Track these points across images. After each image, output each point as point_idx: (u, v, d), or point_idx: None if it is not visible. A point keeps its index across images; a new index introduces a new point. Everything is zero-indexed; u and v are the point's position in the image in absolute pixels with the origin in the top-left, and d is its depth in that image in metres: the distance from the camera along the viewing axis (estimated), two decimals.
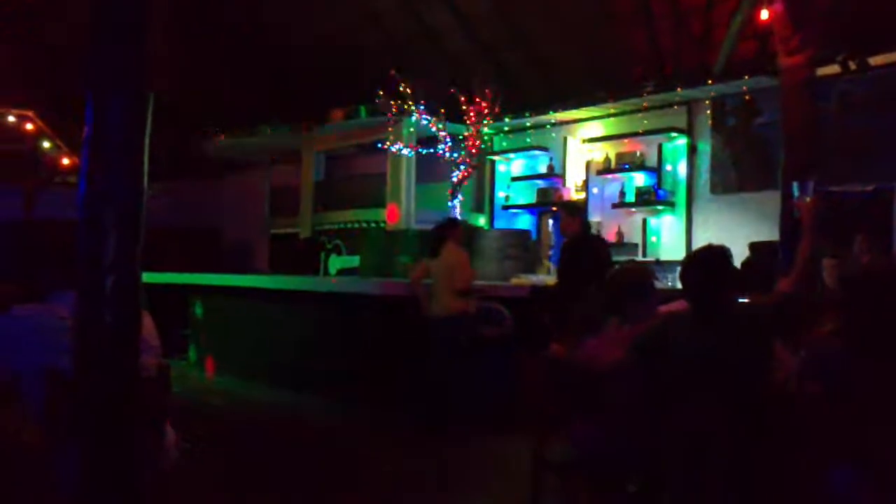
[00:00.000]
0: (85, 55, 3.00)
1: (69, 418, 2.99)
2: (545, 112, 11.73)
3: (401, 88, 10.97)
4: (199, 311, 10.70)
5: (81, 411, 2.89)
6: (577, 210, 7.98)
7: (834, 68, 8.70)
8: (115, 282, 2.83)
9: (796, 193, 4.48)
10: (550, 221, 12.15)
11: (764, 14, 6.47)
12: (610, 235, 10.97)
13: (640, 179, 10.92)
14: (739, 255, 6.72)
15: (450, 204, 10.97)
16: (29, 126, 13.87)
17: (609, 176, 11.19)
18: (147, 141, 2.96)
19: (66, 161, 14.25)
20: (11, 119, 13.67)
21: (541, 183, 12.16)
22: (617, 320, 4.19)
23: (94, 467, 2.90)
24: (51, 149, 14.18)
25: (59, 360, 3.07)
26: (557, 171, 11.90)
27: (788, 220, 5.91)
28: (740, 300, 4.14)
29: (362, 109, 12.25)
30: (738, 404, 3.38)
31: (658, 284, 8.90)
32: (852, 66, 8.65)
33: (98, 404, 2.85)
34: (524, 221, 12.49)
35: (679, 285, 3.84)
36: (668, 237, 10.63)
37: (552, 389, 4.30)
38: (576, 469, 4.03)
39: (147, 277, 3.11)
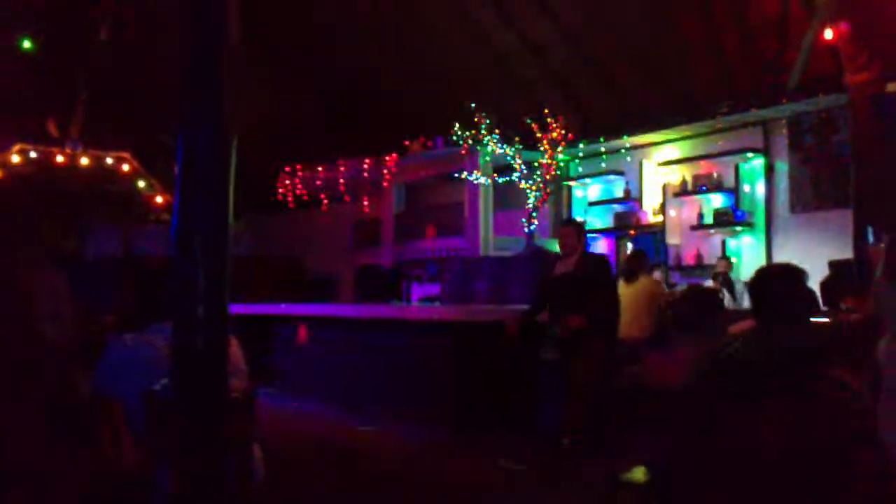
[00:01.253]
0: (177, 98, 3.28)
1: (165, 438, 3.24)
2: (619, 136, 11.80)
3: (476, 119, 11.21)
4: (284, 339, 11.04)
5: (176, 431, 3.14)
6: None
7: None
8: (205, 310, 3.08)
9: (870, 239, 4.46)
10: (629, 245, 12.16)
11: (828, 34, 6.45)
12: (689, 258, 10.94)
13: (717, 201, 10.87)
14: (821, 273, 6.69)
15: (526, 230, 11.11)
16: (125, 167, 14.56)
17: (686, 198, 11.17)
18: (232, 176, 3.21)
19: (159, 199, 14.90)
20: (109, 161, 14.38)
21: (618, 207, 12.20)
22: (685, 339, 4.26)
23: (186, 484, 3.13)
24: (146, 188, 14.86)
25: (156, 384, 3.33)
26: (634, 194, 11.92)
27: (862, 237, 5.87)
28: (816, 318, 4.14)
29: (439, 140, 12.53)
30: (805, 423, 3.41)
31: (733, 304, 8.90)
32: None
33: (191, 424, 3.10)
34: (602, 246, 12.53)
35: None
36: (747, 258, 10.54)
37: (624, 409, 4.39)
38: (649, 488, 4.09)
39: (235, 308, 3.34)
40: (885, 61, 6.21)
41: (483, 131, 11.23)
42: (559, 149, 11.21)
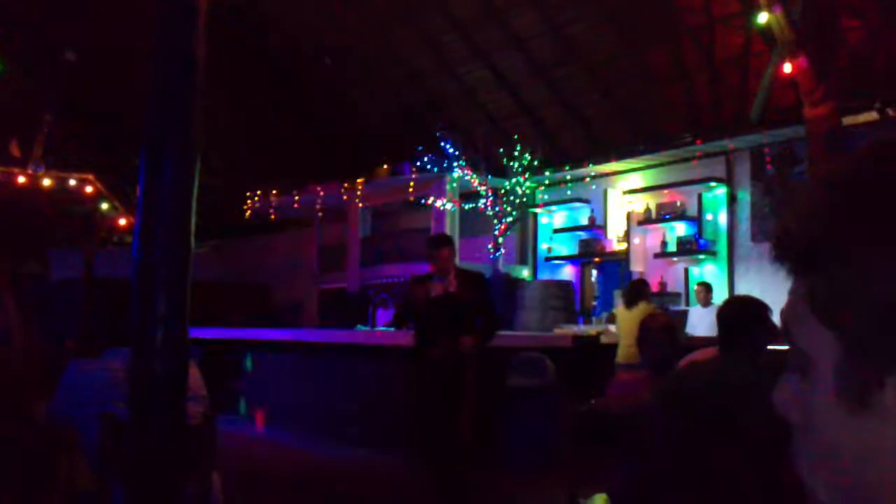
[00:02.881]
0: (140, 119, 3.27)
1: (121, 462, 3.20)
2: (585, 165, 11.91)
3: (443, 145, 11.28)
4: (249, 365, 10.97)
5: (132, 455, 3.10)
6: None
7: (872, 115, 8.73)
8: (164, 334, 3.05)
9: None
10: (594, 272, 12.25)
11: (787, 67, 6.59)
12: (653, 285, 11.03)
13: (681, 229, 11.00)
14: (781, 302, 6.79)
15: (492, 257, 11.15)
16: (89, 189, 14.41)
17: (650, 226, 11.29)
18: (195, 199, 3.20)
19: (122, 222, 14.76)
20: (72, 182, 14.23)
21: (583, 234, 12.30)
22: (643, 365, 4.31)
23: None
24: (109, 210, 14.71)
25: (114, 408, 3.29)
26: (599, 222, 12.02)
27: None
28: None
29: (406, 166, 12.57)
30: (766, 449, 3.43)
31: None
32: (891, 112, 8.66)
33: (148, 448, 3.06)
34: (567, 272, 12.61)
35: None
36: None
37: (583, 436, 4.40)
38: None
39: (200, 333, 3.32)
40: (840, 96, 6.36)
41: (450, 158, 11.30)
42: (525, 176, 11.30)
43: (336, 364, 9.18)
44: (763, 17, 6.82)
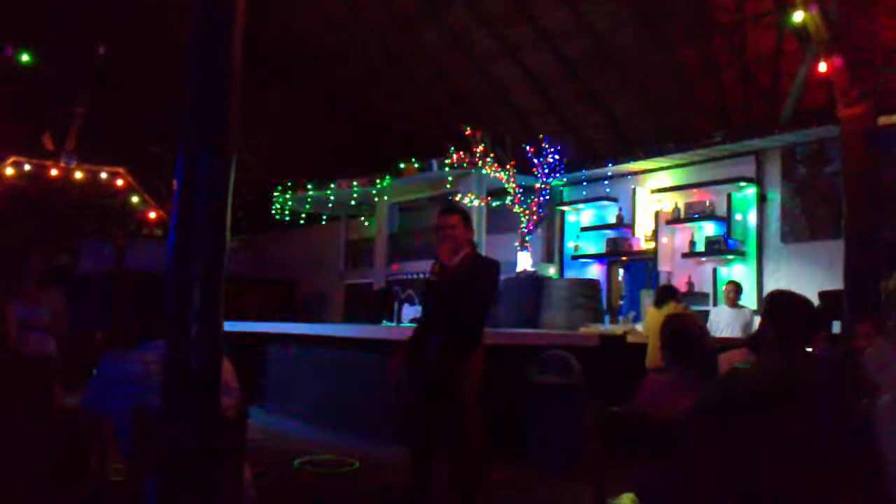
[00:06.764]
0: (176, 117, 3.30)
1: (154, 454, 3.23)
2: (613, 163, 11.87)
3: (471, 142, 11.27)
4: (275, 358, 11.02)
5: (166, 447, 3.13)
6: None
7: None
8: (200, 328, 3.08)
9: None
10: (621, 271, 12.20)
11: (822, 67, 6.53)
12: (680, 285, 10.97)
13: (709, 229, 10.93)
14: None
15: (519, 254, 11.14)
16: (119, 182, 14.55)
17: (678, 226, 11.23)
18: (231, 195, 3.22)
19: (152, 215, 14.88)
20: (104, 175, 14.37)
21: (610, 233, 12.25)
22: (677, 369, 4.25)
23: (174, 501, 3.12)
24: (139, 203, 14.84)
25: (147, 401, 3.32)
26: (627, 221, 11.97)
27: (852, 270, 5.92)
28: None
29: (434, 163, 12.57)
30: (821, 452, 3.32)
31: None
32: None
33: (182, 441, 3.09)
34: (594, 271, 12.56)
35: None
36: None
37: (614, 437, 4.36)
38: None
39: (227, 326, 3.34)
40: (877, 95, 6.29)
41: (478, 155, 11.29)
42: (553, 174, 11.27)
43: (361, 359, 9.19)
44: (798, 16, 6.75)
